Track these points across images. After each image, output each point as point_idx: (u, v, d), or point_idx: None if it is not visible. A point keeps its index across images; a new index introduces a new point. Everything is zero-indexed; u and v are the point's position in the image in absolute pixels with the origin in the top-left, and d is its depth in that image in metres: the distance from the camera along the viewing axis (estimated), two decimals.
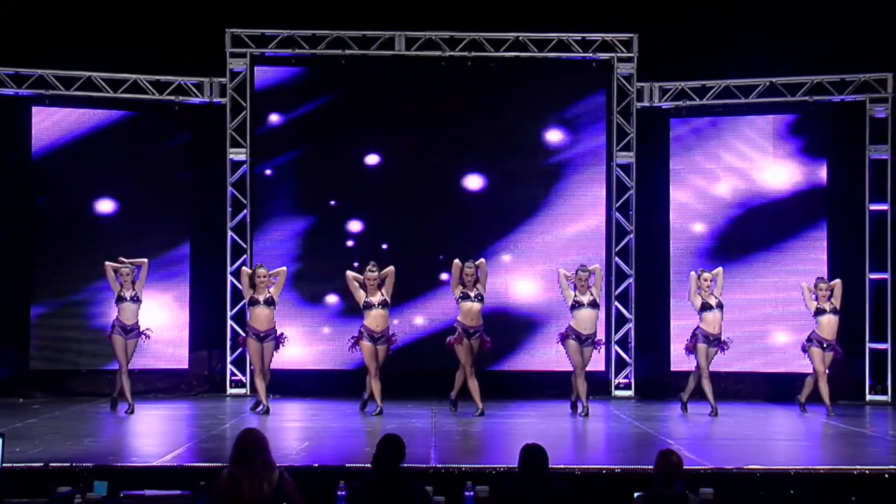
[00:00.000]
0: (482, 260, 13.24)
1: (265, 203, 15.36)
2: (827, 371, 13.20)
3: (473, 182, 15.46)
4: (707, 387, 13.12)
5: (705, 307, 13.16)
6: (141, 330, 13.18)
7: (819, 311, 13.18)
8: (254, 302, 13.02)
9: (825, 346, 13.16)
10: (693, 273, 13.41)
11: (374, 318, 12.91)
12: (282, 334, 13.21)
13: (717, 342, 13.18)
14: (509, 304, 15.33)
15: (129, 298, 13.10)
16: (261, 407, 12.95)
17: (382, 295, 12.93)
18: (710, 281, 13.19)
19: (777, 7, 14.86)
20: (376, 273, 12.89)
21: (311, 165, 15.45)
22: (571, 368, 14.85)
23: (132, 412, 12.85)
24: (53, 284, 14.84)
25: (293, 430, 12.20)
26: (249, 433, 6.57)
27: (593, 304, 13.12)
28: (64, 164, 14.99)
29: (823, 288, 13.22)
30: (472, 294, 12.89)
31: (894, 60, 14.80)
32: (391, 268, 12.98)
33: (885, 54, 14.75)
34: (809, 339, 13.28)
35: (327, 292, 15.28)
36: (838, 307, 13.20)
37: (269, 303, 13.04)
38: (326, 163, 15.45)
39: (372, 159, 15.43)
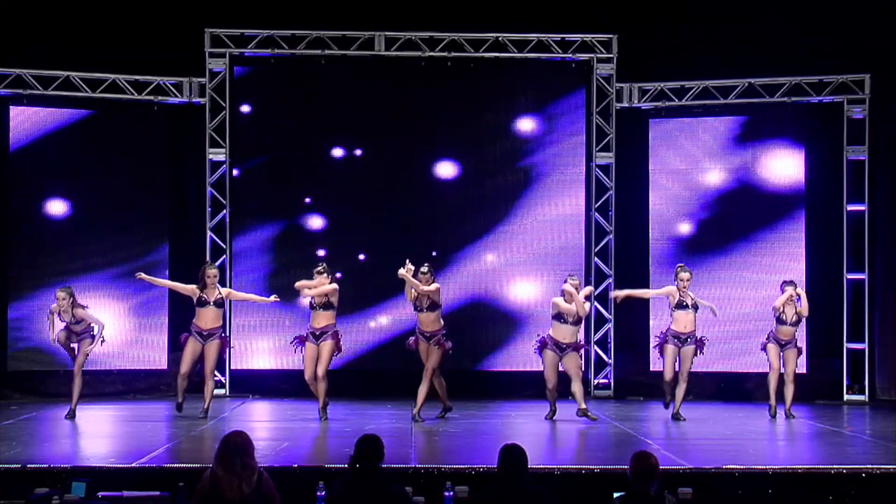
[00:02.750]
0: (436, 286, 12.65)
1: (245, 203, 15.34)
2: (783, 369, 13.15)
3: (452, 182, 15.47)
4: (679, 389, 12.97)
5: (680, 305, 13.07)
6: (93, 334, 12.84)
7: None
8: (203, 302, 12.81)
9: (783, 344, 13.15)
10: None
11: (315, 317, 12.59)
12: (225, 336, 12.98)
13: (688, 341, 13.07)
14: (488, 305, 15.36)
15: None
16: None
17: (326, 296, 12.56)
18: (687, 282, 13.07)
19: (756, 9, 14.93)
20: (323, 272, 12.58)
21: (291, 165, 15.44)
22: None
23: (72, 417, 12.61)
24: (29, 284, 14.76)
25: (272, 430, 12.17)
26: (235, 435, 6.57)
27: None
28: (40, 163, 14.89)
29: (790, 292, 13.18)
30: (424, 305, 12.58)
31: (872, 62, 14.88)
32: (335, 286, 12.63)
33: (863, 56, 14.83)
34: (768, 338, 13.28)
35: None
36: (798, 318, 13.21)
37: (219, 304, 12.86)
38: (306, 162, 15.45)
39: (351, 159, 15.43)
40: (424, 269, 12.56)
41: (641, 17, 15.28)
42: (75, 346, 12.78)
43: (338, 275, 14.88)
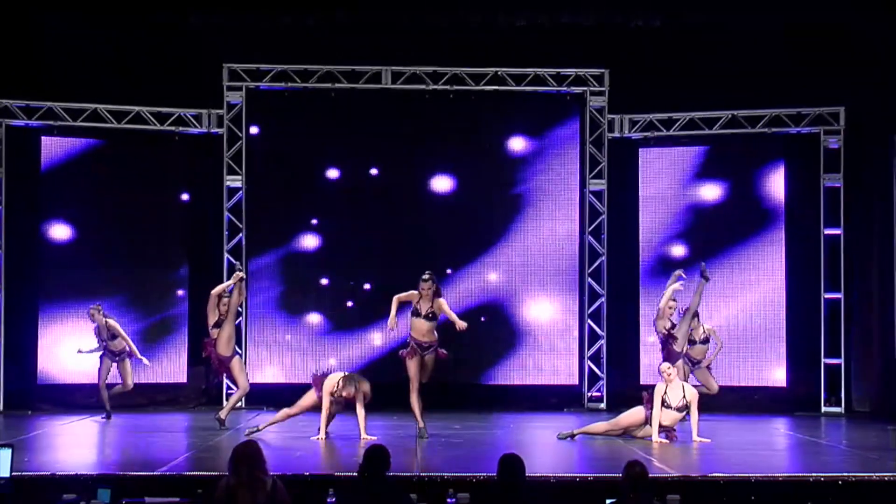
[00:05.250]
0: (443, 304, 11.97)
1: (259, 226, 15.38)
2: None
3: (453, 205, 15.50)
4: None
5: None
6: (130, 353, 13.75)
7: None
8: (219, 324, 12.76)
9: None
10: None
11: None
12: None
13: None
14: (488, 321, 15.37)
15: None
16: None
17: None
18: (674, 311, 13.14)
19: (739, 45, 15.02)
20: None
21: (301, 190, 15.48)
22: (543, 382, 15.03)
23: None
24: (60, 302, 14.82)
25: (285, 439, 12.15)
26: (246, 446, 6.58)
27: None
28: (70, 190, 15.02)
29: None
30: (423, 311, 11.87)
31: (846, 95, 14.95)
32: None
33: (838, 90, 14.92)
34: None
35: (312, 311, 15.34)
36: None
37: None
38: (315, 188, 15.50)
39: (356, 185, 15.48)
40: (426, 276, 11.92)
41: (632, 52, 15.35)
42: (115, 365, 13.70)
43: (349, 304, 15.09)
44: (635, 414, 11.92)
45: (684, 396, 11.75)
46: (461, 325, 11.91)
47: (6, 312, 14.63)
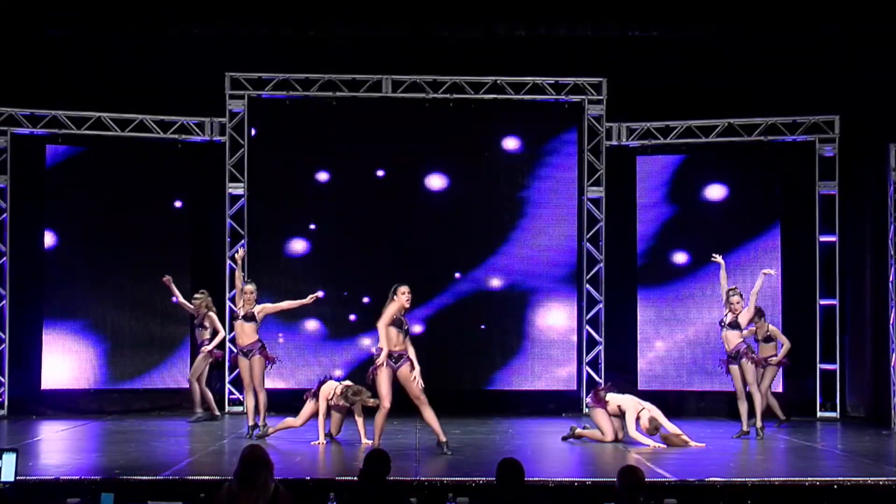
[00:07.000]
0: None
1: (261, 233, 15.38)
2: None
3: (452, 212, 15.50)
4: (741, 407, 12.54)
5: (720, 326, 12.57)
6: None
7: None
8: (235, 317, 12.49)
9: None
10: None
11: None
12: (263, 347, 12.32)
13: (734, 359, 12.40)
14: (487, 328, 15.38)
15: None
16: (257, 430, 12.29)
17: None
18: (739, 303, 12.41)
19: (735, 54, 15.05)
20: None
21: (304, 197, 15.50)
22: (542, 388, 15.05)
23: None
24: (63, 308, 14.84)
25: (287, 444, 12.16)
26: (254, 449, 6.58)
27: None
28: (75, 198, 15.04)
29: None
30: (404, 321, 10.99)
31: (841, 104, 14.98)
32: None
33: (833, 98, 14.95)
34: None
35: (313, 317, 15.33)
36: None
37: (249, 318, 12.25)
38: (318, 195, 15.50)
39: (360, 193, 15.47)
40: (406, 286, 11.08)
41: (629, 62, 15.37)
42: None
43: (352, 317, 15.07)
44: (600, 417, 11.87)
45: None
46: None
47: (11, 318, 14.65)
